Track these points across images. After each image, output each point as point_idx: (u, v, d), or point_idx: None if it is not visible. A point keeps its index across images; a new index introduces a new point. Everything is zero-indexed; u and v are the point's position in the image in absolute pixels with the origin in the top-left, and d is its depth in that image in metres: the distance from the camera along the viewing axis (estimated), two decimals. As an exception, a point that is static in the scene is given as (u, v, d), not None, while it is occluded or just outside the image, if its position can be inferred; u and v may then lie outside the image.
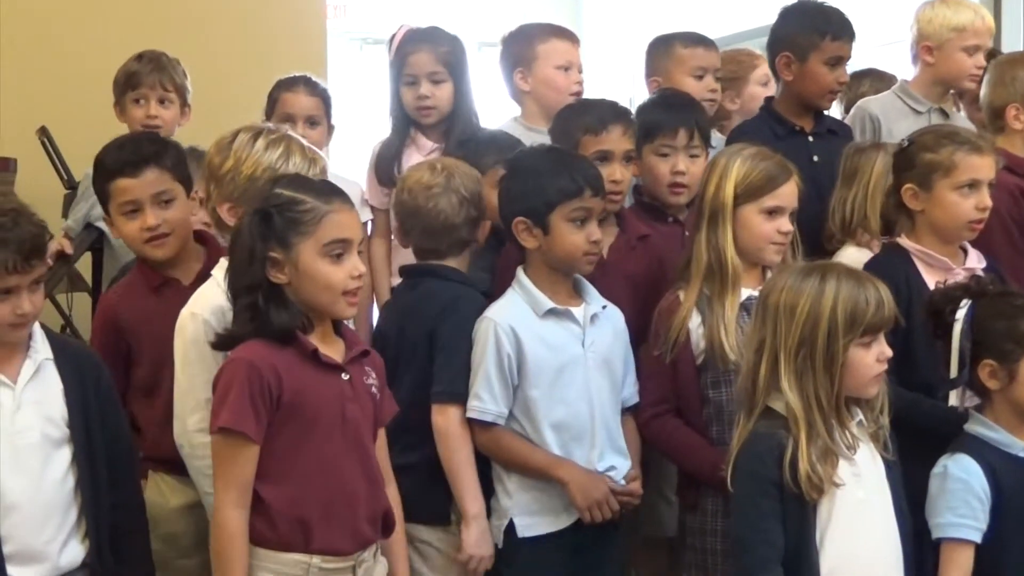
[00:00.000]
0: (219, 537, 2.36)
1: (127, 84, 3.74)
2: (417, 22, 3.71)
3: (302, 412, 2.38)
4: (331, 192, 2.46)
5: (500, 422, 2.79)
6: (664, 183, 3.21)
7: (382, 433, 2.58)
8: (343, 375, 2.45)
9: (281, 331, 2.39)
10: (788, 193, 2.83)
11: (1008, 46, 5.22)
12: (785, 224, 2.82)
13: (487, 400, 2.78)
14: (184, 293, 2.78)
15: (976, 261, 2.93)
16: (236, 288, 2.42)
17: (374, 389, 2.51)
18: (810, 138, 3.52)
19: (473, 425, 2.80)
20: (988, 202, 2.89)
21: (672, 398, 2.83)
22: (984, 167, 2.90)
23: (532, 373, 2.79)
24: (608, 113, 3.14)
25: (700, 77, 3.69)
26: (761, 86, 4.04)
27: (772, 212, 2.81)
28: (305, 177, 2.56)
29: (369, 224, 3.56)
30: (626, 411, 2.91)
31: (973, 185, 2.89)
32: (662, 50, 3.84)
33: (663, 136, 3.20)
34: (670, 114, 3.26)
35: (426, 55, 3.53)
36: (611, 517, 2.80)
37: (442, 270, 2.94)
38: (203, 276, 2.79)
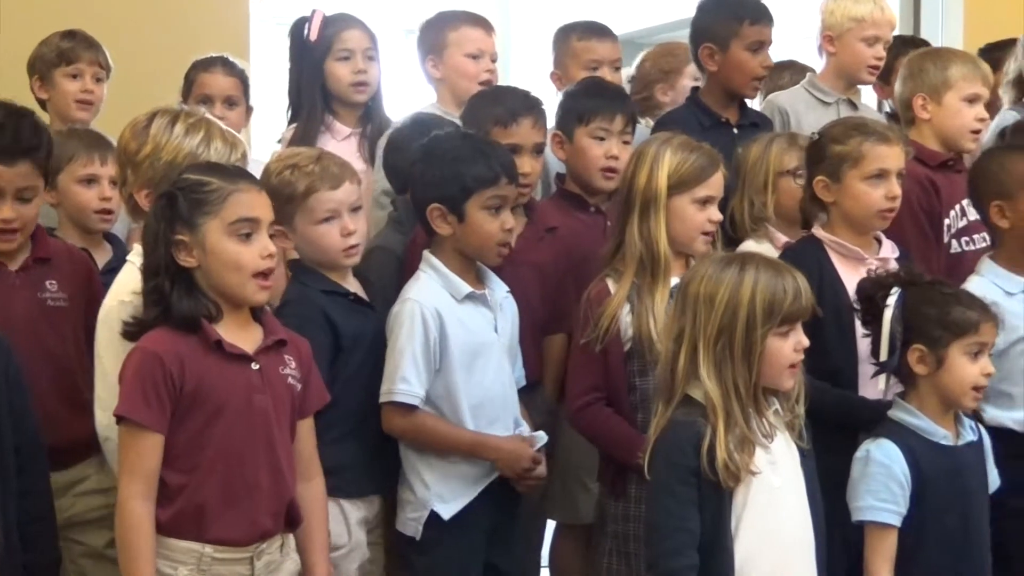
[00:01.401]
0: (124, 528, 2.33)
1: (60, 59, 3.68)
2: (341, 9, 3.70)
3: (205, 402, 2.36)
4: (238, 174, 2.45)
5: (421, 406, 2.79)
6: (597, 166, 3.22)
7: (308, 424, 2.54)
8: (252, 365, 2.41)
9: (183, 318, 2.36)
10: (717, 182, 2.87)
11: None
12: (715, 213, 2.86)
13: (414, 383, 2.77)
14: (9, 278, 2.77)
15: (889, 251, 2.98)
16: (144, 272, 2.39)
17: (291, 379, 2.48)
18: (735, 130, 3.56)
19: (393, 409, 2.78)
20: (897, 191, 2.93)
21: (603, 387, 2.84)
22: (892, 157, 2.93)
23: (454, 356, 2.79)
24: (519, 105, 3.15)
25: (594, 70, 3.70)
26: (695, 80, 4.07)
27: (704, 202, 2.84)
28: (213, 163, 2.54)
29: None
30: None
31: (882, 175, 2.92)
32: (561, 41, 3.89)
33: (601, 119, 3.21)
34: (607, 99, 3.28)
35: (360, 32, 3.55)
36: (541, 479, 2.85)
37: (292, 266, 2.89)
38: (34, 261, 2.80)
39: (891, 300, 2.59)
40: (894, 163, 2.93)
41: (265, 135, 4.90)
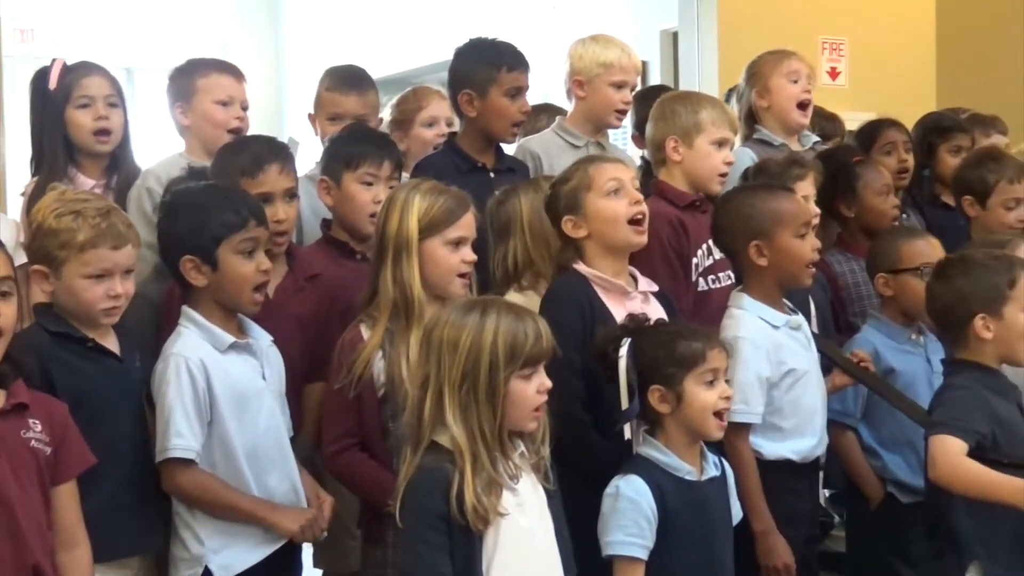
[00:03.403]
0: None
1: None
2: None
3: None
4: None
5: (198, 460, 2.73)
6: (366, 212, 3.22)
7: (68, 490, 2.46)
8: None
9: None
10: (468, 223, 2.90)
11: (684, 86, 5.53)
12: (469, 254, 2.89)
13: (189, 437, 2.71)
14: None
15: (647, 285, 3.04)
16: None
17: (36, 443, 2.39)
18: (492, 175, 3.60)
19: (171, 466, 2.72)
20: (638, 196, 2.99)
21: (357, 432, 2.84)
22: (619, 170, 3.01)
23: (224, 407, 2.75)
24: (264, 152, 3.14)
25: (335, 120, 3.74)
26: (426, 128, 4.12)
27: (457, 243, 2.86)
28: None
29: None
30: None
31: (618, 190, 2.98)
32: (319, 85, 3.92)
33: (368, 165, 3.22)
34: (374, 145, 3.30)
35: (101, 78, 3.47)
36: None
37: (36, 308, 2.79)
38: None
39: (623, 351, 2.67)
40: (624, 174, 3.01)
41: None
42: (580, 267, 3.01)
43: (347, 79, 3.89)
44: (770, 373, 3.06)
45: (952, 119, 4.56)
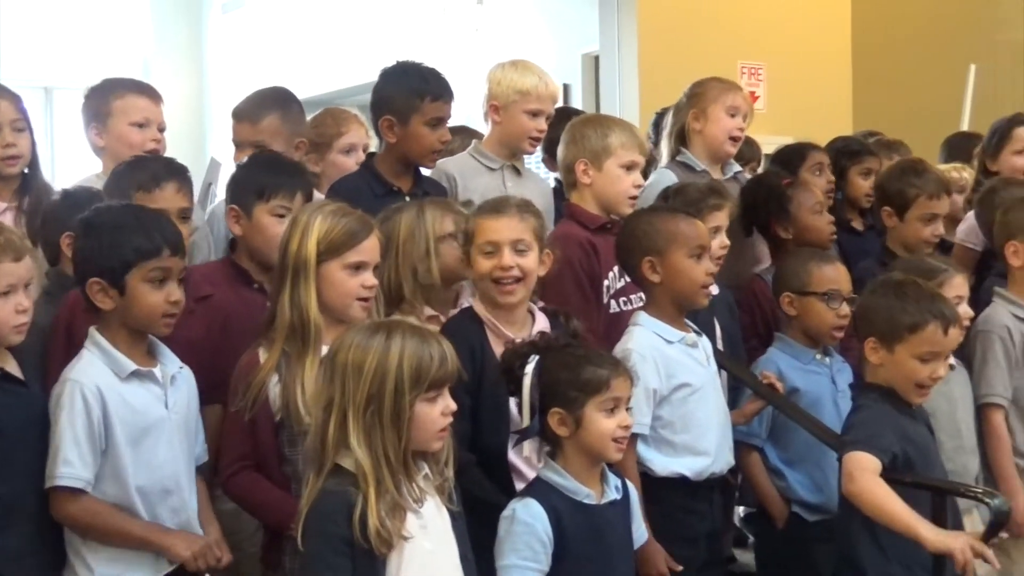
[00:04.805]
0: None
1: None
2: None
3: None
4: None
5: (89, 489, 2.69)
6: (276, 244, 3.13)
7: None
8: None
9: None
10: (371, 247, 2.88)
11: (605, 109, 5.59)
12: (369, 279, 2.86)
13: (78, 466, 2.67)
14: None
15: (544, 327, 3.02)
16: None
17: None
18: (407, 198, 3.56)
19: (59, 494, 2.67)
20: (506, 263, 2.99)
21: (252, 455, 2.81)
22: (500, 231, 3.01)
23: (119, 437, 2.71)
24: (161, 170, 3.11)
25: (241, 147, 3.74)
26: (343, 154, 4.11)
27: (357, 267, 2.85)
28: None
29: None
30: (197, 470, 2.89)
31: (491, 252, 3.00)
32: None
33: (282, 197, 3.17)
34: (287, 176, 3.25)
35: (6, 103, 3.43)
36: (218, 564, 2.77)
37: None
38: None
39: (529, 368, 2.67)
40: (503, 236, 3.00)
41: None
42: (477, 307, 3.04)
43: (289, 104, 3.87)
44: (658, 385, 3.09)
45: (860, 142, 4.65)
